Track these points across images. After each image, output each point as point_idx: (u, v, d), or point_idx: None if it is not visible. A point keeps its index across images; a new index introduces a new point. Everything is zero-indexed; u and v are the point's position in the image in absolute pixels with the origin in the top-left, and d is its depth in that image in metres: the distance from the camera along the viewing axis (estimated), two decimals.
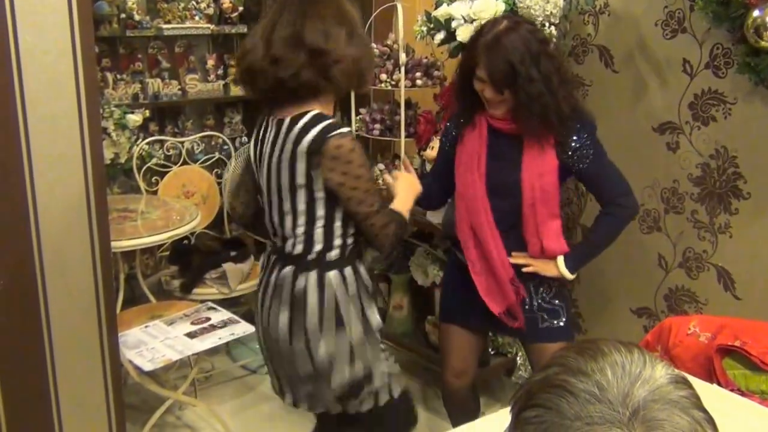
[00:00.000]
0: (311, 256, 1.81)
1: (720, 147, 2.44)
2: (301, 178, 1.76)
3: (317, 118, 1.74)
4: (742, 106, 2.37)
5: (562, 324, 2.15)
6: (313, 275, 1.80)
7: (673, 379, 0.67)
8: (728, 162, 2.43)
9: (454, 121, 2.19)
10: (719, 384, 1.77)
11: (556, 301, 2.16)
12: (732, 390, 1.73)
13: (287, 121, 1.78)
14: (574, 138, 2.03)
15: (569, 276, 2.10)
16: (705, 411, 0.66)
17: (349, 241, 1.85)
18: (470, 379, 2.32)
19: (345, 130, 1.75)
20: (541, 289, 2.15)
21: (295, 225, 1.81)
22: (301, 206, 1.79)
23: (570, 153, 2.03)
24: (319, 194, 1.77)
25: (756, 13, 2.12)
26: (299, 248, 1.82)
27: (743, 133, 2.38)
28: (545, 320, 2.14)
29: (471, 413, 2.31)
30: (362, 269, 1.91)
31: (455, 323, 2.25)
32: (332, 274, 1.81)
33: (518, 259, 2.11)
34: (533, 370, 2.40)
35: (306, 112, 1.76)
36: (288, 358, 1.86)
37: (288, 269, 1.83)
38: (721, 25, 2.29)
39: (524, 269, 2.10)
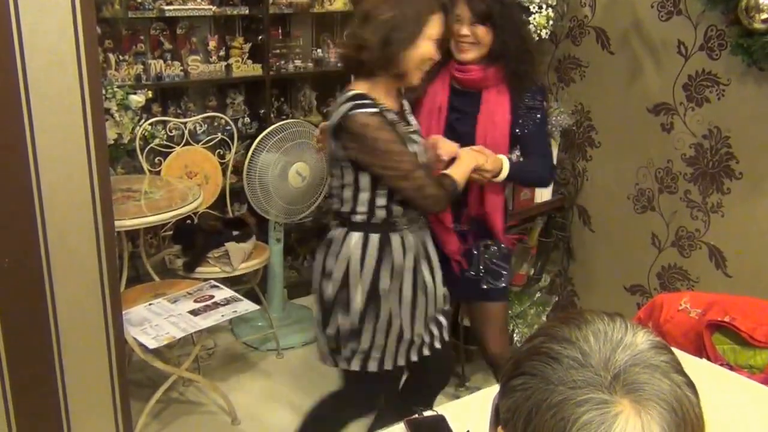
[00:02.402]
0: (344, 215, 1.98)
1: (713, 127, 2.47)
2: (333, 146, 1.93)
3: (353, 97, 1.88)
4: (736, 87, 2.39)
5: (502, 286, 2.27)
6: (342, 230, 1.98)
7: (654, 344, 0.69)
8: (721, 142, 2.46)
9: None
10: (709, 359, 1.79)
11: (503, 264, 2.26)
12: (721, 364, 1.76)
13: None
14: (529, 95, 2.13)
15: (503, 176, 2.10)
16: (685, 375, 0.68)
17: (380, 209, 1.94)
18: None
19: (369, 110, 1.86)
20: (490, 250, 2.24)
21: (333, 186, 2.02)
22: (335, 171, 1.97)
23: (523, 109, 2.13)
24: (345, 163, 1.92)
25: None
26: (336, 206, 2.01)
27: (736, 114, 2.40)
28: (489, 282, 2.25)
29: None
30: (397, 243, 1.96)
31: None
32: (355, 235, 1.96)
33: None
34: (475, 329, 2.44)
35: (349, 90, 1.92)
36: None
37: (333, 222, 2.03)
38: (715, 8, 2.31)
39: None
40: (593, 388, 0.64)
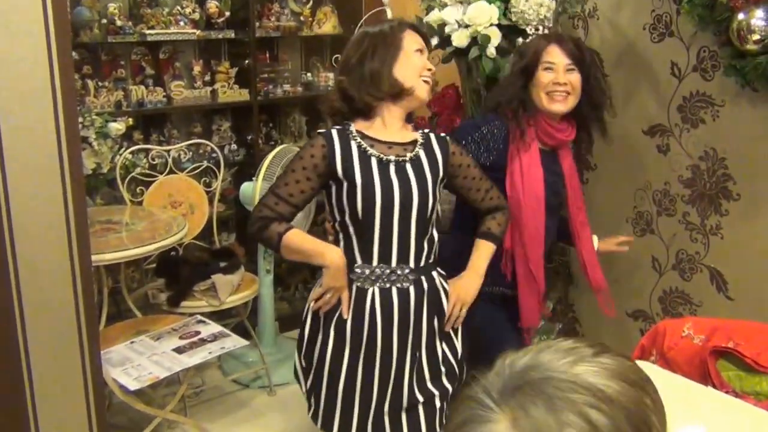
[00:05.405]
0: None
1: (709, 149, 2.43)
2: None
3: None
4: (730, 108, 2.36)
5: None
6: None
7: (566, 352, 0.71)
8: (717, 164, 2.42)
9: (503, 134, 2.14)
10: (714, 386, 1.75)
11: None
12: (727, 392, 1.71)
13: None
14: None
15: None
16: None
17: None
18: None
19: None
20: None
21: None
22: None
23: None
24: None
25: (740, 16, 2.11)
26: None
27: (732, 135, 2.37)
28: None
29: None
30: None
31: None
32: None
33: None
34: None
35: None
36: None
37: None
38: (707, 29, 2.28)
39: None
40: (479, 406, 0.66)
